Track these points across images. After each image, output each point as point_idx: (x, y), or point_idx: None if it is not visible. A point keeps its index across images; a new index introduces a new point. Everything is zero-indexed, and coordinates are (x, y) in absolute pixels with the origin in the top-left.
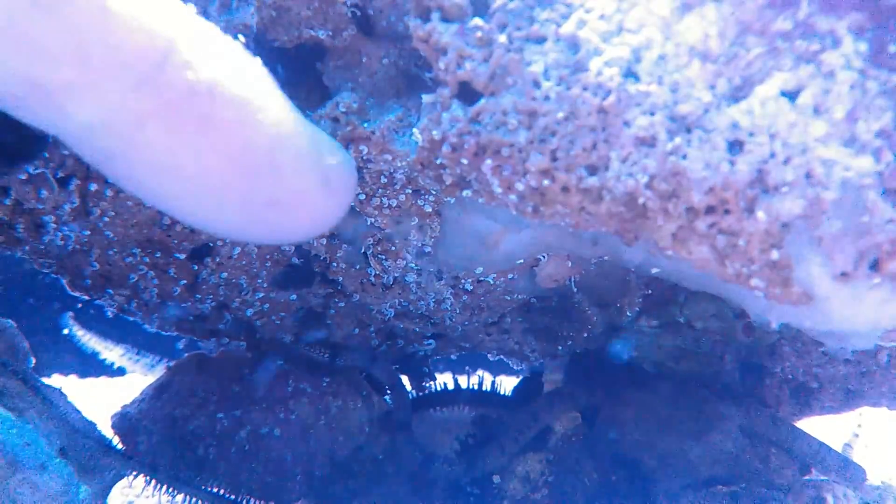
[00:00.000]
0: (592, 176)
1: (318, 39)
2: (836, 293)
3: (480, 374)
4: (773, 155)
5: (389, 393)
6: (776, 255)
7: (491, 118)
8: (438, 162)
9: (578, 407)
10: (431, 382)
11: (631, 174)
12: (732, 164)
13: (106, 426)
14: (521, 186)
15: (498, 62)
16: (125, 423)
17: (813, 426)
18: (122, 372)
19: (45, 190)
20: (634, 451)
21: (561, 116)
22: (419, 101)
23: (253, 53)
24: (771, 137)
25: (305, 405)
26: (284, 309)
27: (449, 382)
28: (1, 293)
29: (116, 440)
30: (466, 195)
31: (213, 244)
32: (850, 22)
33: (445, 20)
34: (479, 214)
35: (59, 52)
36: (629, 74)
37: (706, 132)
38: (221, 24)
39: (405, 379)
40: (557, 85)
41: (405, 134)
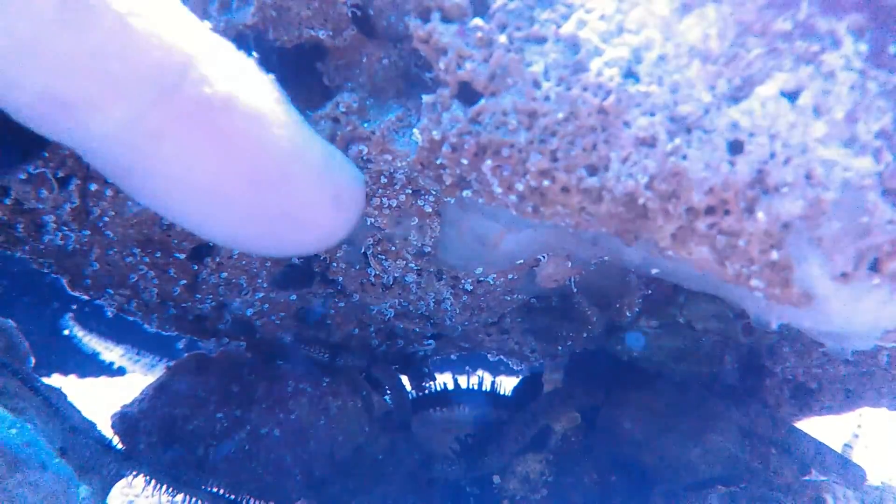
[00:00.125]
0: (592, 176)
1: (318, 39)
2: (835, 294)
3: (480, 374)
4: (773, 155)
5: (389, 393)
6: (776, 255)
7: (491, 118)
8: (438, 162)
9: (578, 407)
10: (431, 382)
11: (631, 174)
12: (732, 164)
13: (106, 426)
14: (521, 187)
15: (498, 62)
16: (125, 423)
17: (813, 426)
18: (122, 372)
19: (45, 190)
20: (634, 451)
21: (561, 117)
22: (419, 101)
23: (253, 53)
24: (771, 138)
25: (305, 405)
26: (284, 309)
27: (449, 382)
28: (1, 293)
29: (116, 440)
30: (466, 195)
31: (213, 244)
32: (850, 22)
33: (446, 20)
34: (479, 215)
35: (80, 67)
36: (629, 75)
37: (706, 133)
38: (221, 24)
39: (405, 379)
40: (557, 85)
41: (405, 134)
